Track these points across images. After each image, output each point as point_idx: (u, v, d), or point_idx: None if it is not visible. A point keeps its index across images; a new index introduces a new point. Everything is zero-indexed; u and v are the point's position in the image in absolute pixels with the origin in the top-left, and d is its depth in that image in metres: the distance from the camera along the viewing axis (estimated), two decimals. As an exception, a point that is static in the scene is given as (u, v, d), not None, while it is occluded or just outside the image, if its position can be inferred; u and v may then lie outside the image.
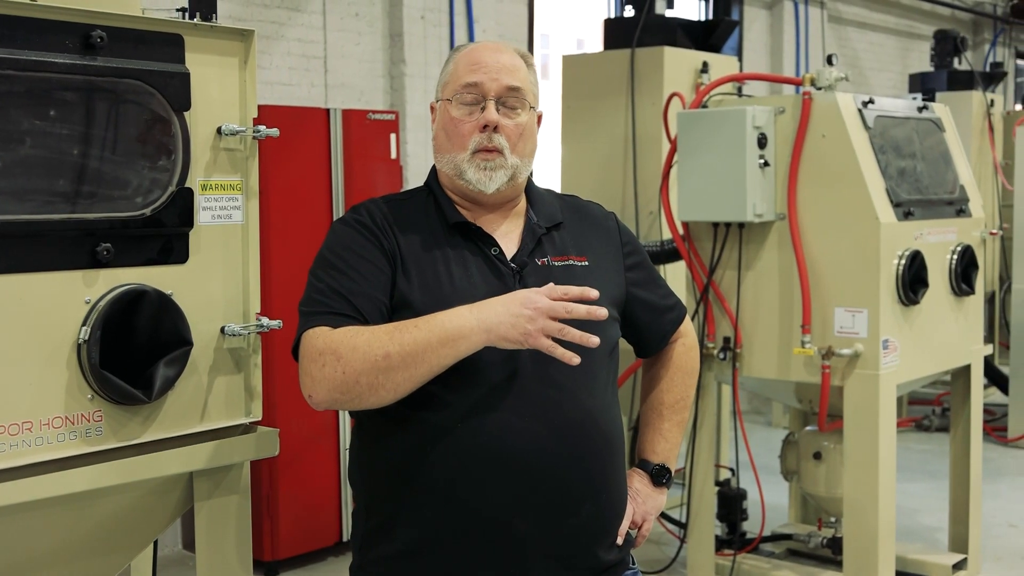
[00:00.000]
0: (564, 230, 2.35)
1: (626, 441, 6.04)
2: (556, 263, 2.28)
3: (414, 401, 2.11)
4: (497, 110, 2.25)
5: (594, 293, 2.06)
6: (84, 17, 2.20)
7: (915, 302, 4.18)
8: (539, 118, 2.39)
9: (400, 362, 2.04)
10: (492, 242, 2.26)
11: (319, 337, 2.10)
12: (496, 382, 2.13)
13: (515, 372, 2.13)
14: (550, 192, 2.46)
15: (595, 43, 7.52)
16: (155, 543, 2.80)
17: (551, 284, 2.07)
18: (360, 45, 6.46)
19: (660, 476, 2.44)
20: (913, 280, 4.14)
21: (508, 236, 2.30)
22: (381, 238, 2.22)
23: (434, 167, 2.38)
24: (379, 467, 2.22)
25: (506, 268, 2.23)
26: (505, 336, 2.03)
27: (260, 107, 2.54)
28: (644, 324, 2.44)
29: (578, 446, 2.18)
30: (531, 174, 2.43)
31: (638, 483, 2.43)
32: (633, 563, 2.37)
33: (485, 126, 2.23)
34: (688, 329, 2.53)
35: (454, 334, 2.04)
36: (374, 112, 5.41)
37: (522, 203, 2.37)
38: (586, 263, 2.32)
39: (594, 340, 2.04)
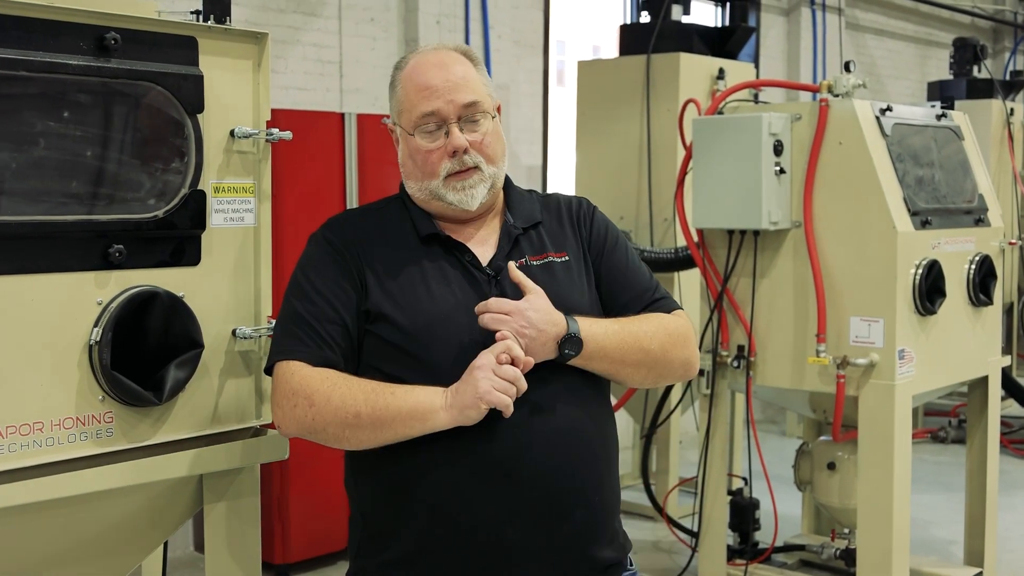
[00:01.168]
0: (543, 228, 2.35)
1: (638, 448, 6.04)
2: (534, 263, 2.28)
3: None
4: (461, 129, 2.23)
5: (529, 361, 2.11)
6: (98, 19, 2.21)
7: (932, 312, 4.15)
8: (498, 108, 2.35)
9: (368, 423, 2.10)
10: (464, 249, 2.27)
11: (294, 376, 2.16)
12: None
13: None
14: (531, 192, 2.45)
15: (611, 49, 7.50)
16: (165, 544, 2.80)
17: (488, 350, 2.10)
18: (375, 50, 6.47)
19: (569, 341, 2.19)
20: (930, 290, 4.11)
21: (484, 241, 2.30)
22: (347, 258, 2.24)
23: None
24: (372, 477, 2.25)
25: (481, 275, 2.24)
26: (467, 403, 2.06)
27: (275, 111, 2.55)
28: (616, 303, 2.34)
29: (568, 455, 2.19)
30: (509, 179, 2.42)
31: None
32: (631, 565, 2.37)
33: (454, 152, 2.22)
34: (681, 317, 2.38)
35: (424, 408, 2.09)
36: (388, 116, 5.41)
37: (499, 205, 2.37)
38: (566, 258, 2.32)
39: (529, 362, 2.10)
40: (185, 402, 2.37)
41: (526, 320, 2.13)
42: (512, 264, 2.21)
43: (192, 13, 2.40)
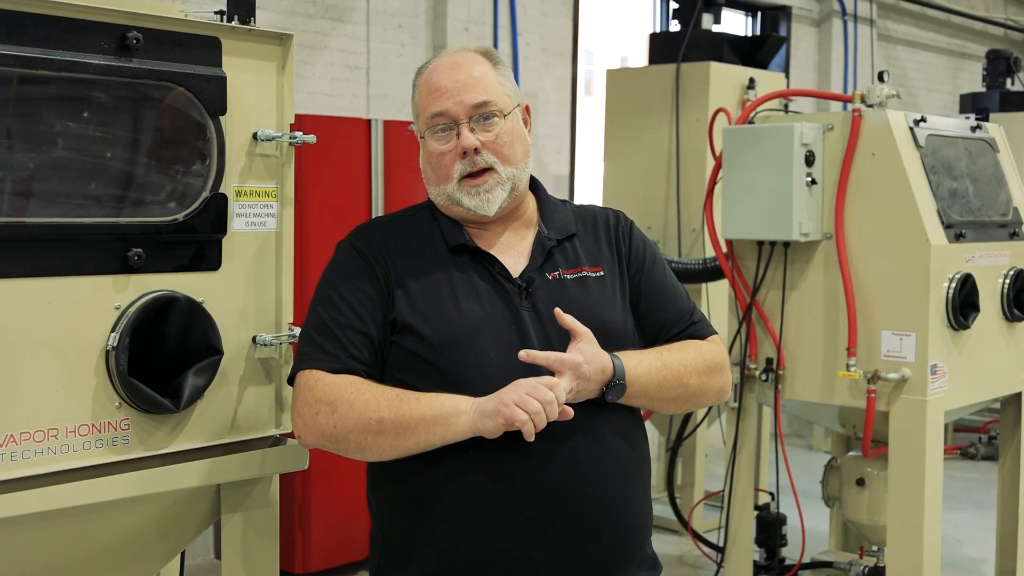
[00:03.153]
0: (578, 240, 2.28)
1: (664, 461, 5.97)
2: (568, 276, 2.22)
3: None
4: (472, 129, 2.17)
5: (568, 412, 2.01)
6: (120, 18, 2.17)
7: (965, 327, 4.07)
8: (526, 108, 2.30)
9: (391, 428, 2.04)
10: (493, 260, 2.21)
11: (317, 384, 2.11)
12: None
13: None
14: (565, 203, 2.39)
15: (640, 60, 7.45)
16: (183, 553, 2.75)
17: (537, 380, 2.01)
18: (403, 56, 6.44)
19: (613, 388, 2.13)
20: (963, 304, 4.04)
21: (516, 251, 2.24)
22: (374, 266, 2.19)
23: None
24: (395, 494, 2.20)
25: (511, 286, 2.18)
26: (483, 410, 2.00)
27: (301, 117, 2.51)
28: (654, 322, 2.30)
29: (596, 474, 2.12)
30: (543, 187, 2.37)
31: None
32: None
33: (465, 152, 2.17)
34: (717, 344, 2.34)
35: (448, 412, 2.02)
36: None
37: (532, 214, 2.31)
38: (601, 273, 2.25)
39: (568, 412, 2.00)
40: (203, 410, 2.33)
41: (581, 375, 2.07)
42: (558, 310, 2.11)
43: (216, 13, 2.36)
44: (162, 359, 2.23)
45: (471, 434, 2.03)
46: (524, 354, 2.04)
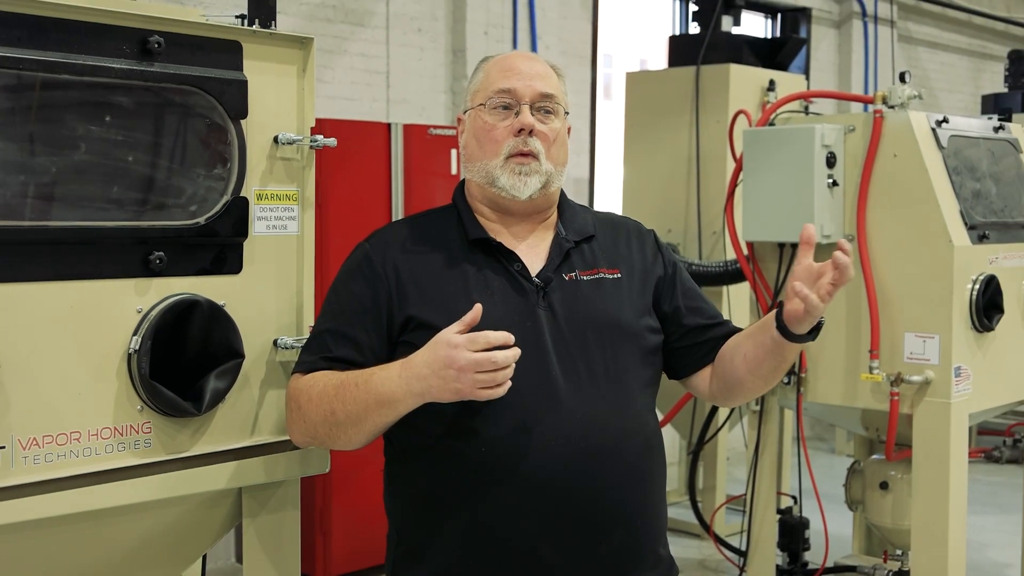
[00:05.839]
0: (596, 243, 2.31)
1: (685, 465, 5.94)
2: (584, 278, 2.24)
3: (441, 428, 2.10)
4: (531, 114, 2.22)
5: (510, 338, 1.96)
6: (142, 22, 2.18)
7: (989, 328, 4.04)
8: (568, 130, 2.36)
9: (345, 419, 2.10)
10: (514, 258, 2.22)
11: (290, 385, 2.24)
12: (525, 408, 2.08)
13: (545, 398, 2.09)
14: (584, 207, 2.43)
15: (659, 62, 7.43)
16: (204, 557, 2.76)
17: (471, 334, 1.96)
18: (422, 60, 6.45)
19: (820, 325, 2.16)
20: (987, 306, 4.00)
21: (535, 250, 2.26)
22: (379, 272, 2.21)
23: (461, 182, 2.36)
24: (409, 493, 2.21)
25: (529, 285, 2.20)
26: (439, 398, 2.00)
27: (321, 121, 2.52)
28: (691, 340, 2.34)
29: (610, 472, 2.12)
30: (563, 192, 2.40)
31: None
32: None
33: (520, 130, 2.20)
34: None
35: (387, 398, 2.05)
36: (435, 127, 5.38)
37: (553, 217, 2.33)
38: (619, 275, 2.27)
39: (501, 391, 1.97)
40: (225, 413, 2.33)
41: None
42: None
43: (237, 17, 2.37)
44: (184, 362, 2.23)
45: (421, 404, 2.04)
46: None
